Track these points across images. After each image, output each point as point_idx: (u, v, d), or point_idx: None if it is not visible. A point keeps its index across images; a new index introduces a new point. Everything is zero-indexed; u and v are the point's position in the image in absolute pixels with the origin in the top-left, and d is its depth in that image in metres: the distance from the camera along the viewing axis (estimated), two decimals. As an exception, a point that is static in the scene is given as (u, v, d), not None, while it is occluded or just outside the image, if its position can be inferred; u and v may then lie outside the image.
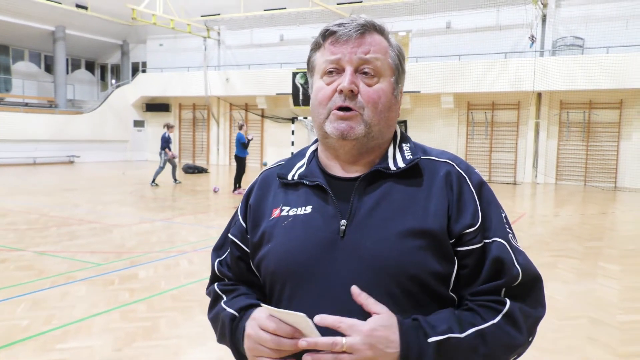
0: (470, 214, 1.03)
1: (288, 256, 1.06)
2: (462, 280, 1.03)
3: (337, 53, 1.06)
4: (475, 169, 1.12)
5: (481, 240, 1.02)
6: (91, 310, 4.26)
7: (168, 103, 23.56)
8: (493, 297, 1.00)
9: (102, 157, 22.61)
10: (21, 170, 17.50)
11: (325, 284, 1.01)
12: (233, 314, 1.10)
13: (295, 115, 19.62)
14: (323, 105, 1.07)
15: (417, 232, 1.00)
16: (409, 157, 1.09)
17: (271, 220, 1.11)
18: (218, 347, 3.58)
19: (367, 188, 1.07)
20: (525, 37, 16.31)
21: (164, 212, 9.55)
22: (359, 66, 1.05)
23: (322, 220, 1.06)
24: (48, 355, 3.41)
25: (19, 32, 22.09)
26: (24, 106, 21.74)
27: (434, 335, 0.93)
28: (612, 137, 15.93)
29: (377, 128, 1.06)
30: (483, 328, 0.96)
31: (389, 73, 1.08)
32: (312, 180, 1.10)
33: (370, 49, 1.05)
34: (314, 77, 1.12)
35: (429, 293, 1.00)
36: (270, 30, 21.36)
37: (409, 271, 0.98)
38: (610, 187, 15.74)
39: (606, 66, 14.57)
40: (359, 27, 1.06)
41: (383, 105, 1.06)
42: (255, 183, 1.23)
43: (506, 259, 1.02)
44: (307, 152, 1.20)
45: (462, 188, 1.06)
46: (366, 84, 1.05)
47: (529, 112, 16.76)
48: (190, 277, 5.31)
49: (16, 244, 6.54)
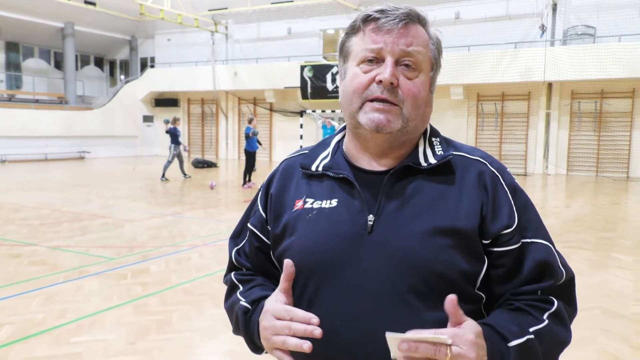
0: (507, 215, 1.01)
1: (313, 250, 1.03)
2: (497, 279, 1.02)
3: (378, 42, 1.01)
4: (507, 168, 1.09)
5: (519, 240, 1.01)
6: (104, 304, 4.30)
7: (177, 98, 23.63)
8: (540, 297, 1.01)
9: (112, 153, 22.76)
10: (33, 167, 17.67)
11: (351, 279, 0.99)
12: (246, 307, 1.08)
13: (303, 109, 19.59)
14: (358, 93, 1.02)
15: (447, 231, 0.98)
16: (439, 153, 1.06)
17: (294, 212, 1.08)
18: (230, 340, 3.60)
19: (396, 183, 1.04)
20: (536, 26, 16.13)
21: (174, 206, 9.60)
22: (400, 58, 1.01)
23: (348, 215, 1.03)
24: (63, 348, 3.45)
25: (29, 29, 22.22)
26: (34, 103, 21.91)
27: (513, 339, 0.93)
28: (624, 126, 15.75)
29: (414, 123, 1.03)
30: (539, 328, 0.97)
31: (428, 67, 1.05)
32: (337, 173, 1.07)
33: (413, 41, 1.02)
34: (347, 63, 1.06)
35: (455, 291, 0.97)
36: (277, 23, 21.30)
37: (437, 269, 0.97)
38: (622, 177, 15.57)
39: (618, 55, 14.38)
40: (404, 17, 1.01)
41: (422, 100, 1.03)
42: (276, 172, 1.19)
43: (552, 262, 1.02)
44: (332, 141, 1.16)
45: (496, 188, 1.03)
46: (406, 77, 1.01)
47: (540, 102, 16.60)
48: (201, 270, 5.33)
49: (29, 239, 6.61)
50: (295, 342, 0.93)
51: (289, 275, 1.01)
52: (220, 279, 5.04)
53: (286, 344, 0.95)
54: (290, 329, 0.95)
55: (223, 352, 3.46)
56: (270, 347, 0.99)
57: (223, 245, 6.51)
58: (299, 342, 0.93)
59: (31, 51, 24.38)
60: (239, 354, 3.39)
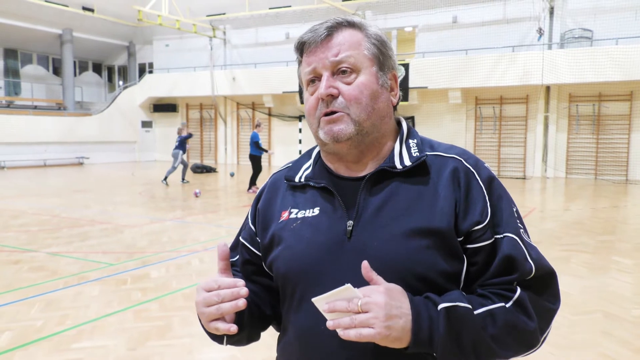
0: (479, 211, 1.01)
1: (297, 258, 1.06)
2: (471, 276, 1.03)
3: (311, 63, 1.06)
4: (485, 163, 1.10)
5: (491, 236, 1.01)
6: (105, 310, 4.29)
7: (175, 103, 23.65)
8: (505, 286, 1.00)
9: (111, 158, 22.74)
10: (32, 173, 17.65)
11: (332, 285, 0.99)
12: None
13: (302, 113, 19.61)
14: (312, 115, 1.07)
15: (424, 231, 0.99)
16: (415, 155, 1.07)
17: (280, 222, 1.12)
18: (231, 347, 3.59)
19: (373, 188, 1.06)
20: (533, 30, 16.18)
21: (174, 211, 9.59)
22: (334, 68, 1.04)
23: (329, 222, 1.06)
24: (63, 355, 3.44)
25: (27, 36, 22.25)
26: (33, 109, 21.90)
27: (443, 302, 0.94)
28: (622, 129, 15.78)
29: (369, 122, 1.05)
30: (493, 308, 0.96)
31: (367, 64, 1.06)
32: (318, 182, 1.10)
33: (340, 49, 1.04)
34: (304, 90, 1.12)
35: (438, 292, 0.99)
36: (275, 28, 21.36)
37: (417, 271, 0.98)
38: (621, 180, 15.59)
39: (615, 58, 14.43)
40: (326, 30, 1.05)
41: (367, 98, 1.04)
42: (265, 187, 1.24)
43: (518, 255, 1.00)
44: (314, 152, 1.20)
45: (470, 184, 1.04)
46: (345, 83, 1.04)
47: (538, 105, 16.64)
48: (201, 276, 5.32)
49: (29, 245, 6.60)
50: (230, 304, 0.97)
51: (222, 255, 1.06)
52: (220, 284, 5.03)
53: (221, 309, 0.98)
54: (218, 295, 0.98)
55: (224, 358, 3.45)
56: (207, 321, 1.01)
57: (223, 251, 6.50)
58: (232, 303, 0.97)
59: (29, 57, 24.39)
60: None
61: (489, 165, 1.11)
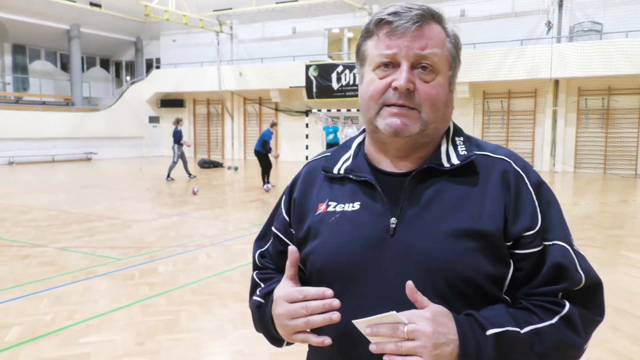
0: (529, 216, 0.98)
1: (336, 254, 1.03)
2: (517, 282, 0.99)
3: (392, 47, 0.99)
4: (532, 166, 1.06)
5: (540, 243, 0.98)
6: (112, 304, 4.31)
7: (182, 99, 23.70)
8: (550, 299, 0.97)
9: (119, 154, 22.86)
10: (40, 168, 17.77)
11: (374, 283, 0.98)
12: (259, 301, 1.10)
13: (309, 108, 19.60)
14: (374, 99, 1.01)
15: (471, 233, 0.96)
16: (463, 154, 1.04)
17: (317, 215, 1.08)
18: (238, 340, 3.60)
19: (418, 185, 1.02)
20: (542, 23, 16.03)
21: (181, 207, 9.62)
22: (416, 62, 0.99)
23: (370, 218, 1.02)
24: (71, 349, 3.46)
25: (35, 32, 22.36)
26: (41, 105, 22.06)
27: (492, 327, 0.90)
28: (632, 123, 15.63)
29: (433, 125, 1.02)
30: (540, 327, 0.93)
31: (446, 67, 1.02)
32: (359, 175, 1.06)
33: (428, 43, 0.99)
34: (364, 67, 1.05)
35: (481, 295, 0.96)
36: (282, 23, 21.32)
37: (462, 273, 0.95)
38: (630, 174, 15.46)
39: (625, 51, 14.27)
40: (417, 18, 0.99)
41: (441, 102, 1.01)
42: (298, 176, 1.19)
43: (569, 264, 0.97)
44: (353, 144, 1.15)
45: (520, 188, 1.00)
46: (423, 81, 0.99)
47: (546, 99, 16.52)
48: (208, 270, 5.34)
49: (38, 241, 6.65)
50: (322, 317, 0.93)
51: (293, 262, 1.01)
52: (227, 279, 5.05)
53: (310, 322, 0.94)
54: (307, 308, 0.94)
55: (231, 352, 3.46)
56: (290, 333, 0.98)
57: (230, 245, 6.52)
58: (325, 316, 0.92)
59: (38, 53, 24.53)
60: (247, 354, 3.40)
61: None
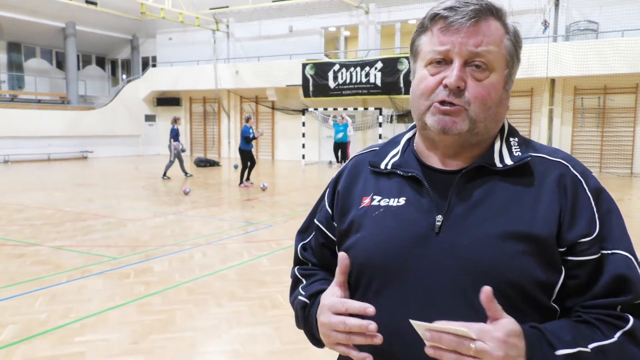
0: (586, 222, 0.94)
1: (378, 249, 1.00)
2: (570, 290, 0.95)
3: (446, 43, 0.96)
4: (592, 172, 1.02)
5: (598, 251, 0.93)
6: (108, 303, 4.29)
7: (179, 97, 23.64)
8: (612, 312, 0.92)
9: (115, 152, 22.79)
10: (36, 167, 17.70)
11: (416, 280, 0.96)
12: (304, 302, 1.08)
13: (305, 107, 19.57)
14: (425, 96, 0.99)
15: (522, 236, 0.92)
16: (517, 154, 1.00)
17: (361, 208, 1.06)
18: (234, 339, 3.59)
19: (467, 184, 0.99)
20: (538, 22, 16.06)
21: (176, 205, 9.60)
22: (469, 59, 0.96)
23: (416, 214, 1.00)
24: (66, 348, 3.45)
25: (30, 30, 22.25)
26: (36, 103, 21.96)
27: (562, 347, 0.86)
28: (627, 122, 15.68)
29: (483, 125, 0.98)
30: (604, 344, 0.88)
31: (502, 65, 0.99)
32: (406, 171, 1.04)
33: (483, 40, 0.95)
34: (417, 63, 1.03)
35: (528, 301, 0.93)
36: (279, 21, 21.28)
37: (510, 277, 0.91)
38: (626, 173, 15.51)
39: (621, 50, 14.31)
40: (473, 14, 0.95)
41: (492, 102, 0.97)
42: (345, 168, 1.17)
43: (632, 275, 0.92)
44: (402, 139, 1.13)
45: (577, 192, 0.96)
46: (475, 79, 0.96)
47: (543, 98, 16.55)
48: (204, 269, 5.33)
49: (33, 239, 6.62)
50: (364, 339, 0.91)
51: (344, 268, 0.99)
52: (223, 278, 5.04)
53: (352, 340, 0.92)
54: (345, 325, 0.91)
55: (226, 351, 3.45)
56: (331, 343, 0.96)
57: (226, 244, 6.51)
58: (368, 339, 0.90)
59: (33, 51, 24.41)
60: (243, 354, 3.39)
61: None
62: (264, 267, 5.42)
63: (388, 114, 18.05)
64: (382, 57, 18.06)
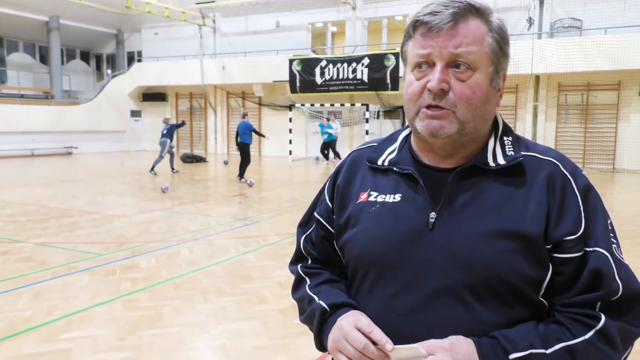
0: (573, 221, 0.96)
1: (373, 243, 1.04)
2: (555, 287, 0.98)
3: (426, 47, 0.98)
4: (582, 170, 1.05)
5: (582, 248, 0.96)
6: (94, 300, 4.28)
7: (164, 92, 23.45)
8: (585, 311, 0.94)
9: (100, 148, 22.56)
10: (19, 162, 17.47)
11: (409, 275, 0.99)
12: (324, 308, 1.09)
13: (292, 103, 19.55)
14: (412, 101, 1.02)
15: (511, 234, 0.95)
16: (510, 154, 1.03)
17: (358, 204, 1.10)
18: (221, 334, 3.61)
19: (461, 182, 1.02)
20: (523, 19, 16.20)
21: (163, 201, 9.55)
22: (451, 61, 0.97)
23: (411, 210, 1.03)
24: (52, 345, 3.43)
25: (13, 23, 21.88)
26: (19, 98, 21.62)
27: (515, 351, 0.90)
28: (610, 118, 15.92)
29: (472, 124, 1.00)
30: (572, 344, 0.92)
31: (486, 63, 1.00)
32: (402, 168, 1.08)
33: (463, 41, 0.97)
34: (406, 68, 1.06)
35: (517, 296, 0.96)
36: (265, 16, 21.19)
37: (499, 273, 0.94)
38: (608, 168, 15.76)
39: (604, 47, 14.50)
40: (451, 17, 0.97)
41: (478, 100, 0.99)
42: (344, 163, 1.20)
43: (606, 271, 0.95)
44: (399, 136, 1.16)
45: (565, 191, 0.99)
46: (458, 79, 0.98)
47: (527, 95, 16.72)
48: (191, 265, 5.33)
49: (16, 236, 6.55)
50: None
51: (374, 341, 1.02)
52: (210, 274, 5.04)
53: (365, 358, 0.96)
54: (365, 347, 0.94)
55: (213, 347, 3.46)
56: (335, 348, 1.00)
57: (213, 240, 6.50)
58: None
59: (15, 45, 24.02)
60: (230, 349, 3.40)
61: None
62: (250, 263, 5.43)
63: (375, 110, 18.08)
64: (369, 53, 18.09)
